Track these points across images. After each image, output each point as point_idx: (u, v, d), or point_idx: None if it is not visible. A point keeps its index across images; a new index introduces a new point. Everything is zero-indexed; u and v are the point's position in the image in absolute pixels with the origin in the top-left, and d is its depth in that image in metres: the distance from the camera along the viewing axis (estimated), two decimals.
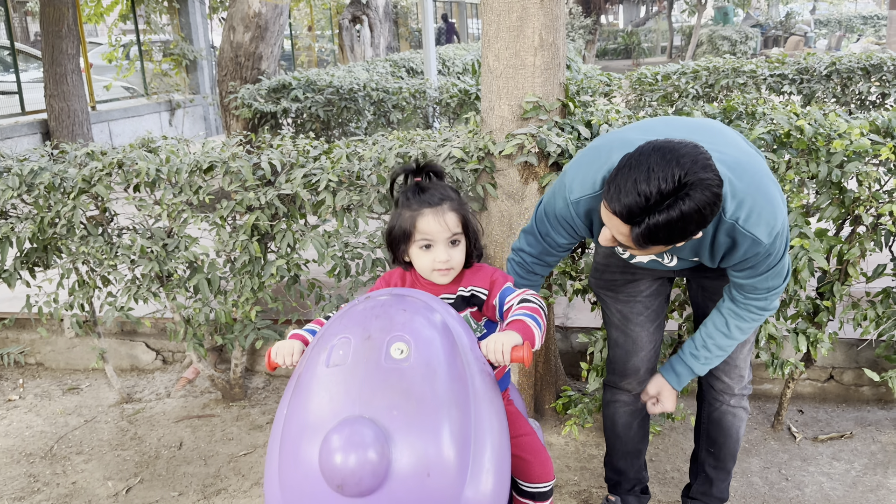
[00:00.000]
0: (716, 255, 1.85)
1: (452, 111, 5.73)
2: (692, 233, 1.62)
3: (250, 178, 2.81)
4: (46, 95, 7.98)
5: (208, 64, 11.89)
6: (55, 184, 2.99)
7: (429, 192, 1.79)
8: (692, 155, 1.55)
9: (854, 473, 2.74)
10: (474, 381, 1.53)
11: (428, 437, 1.40)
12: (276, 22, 6.50)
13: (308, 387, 1.48)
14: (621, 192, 1.57)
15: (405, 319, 1.54)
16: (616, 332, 2.29)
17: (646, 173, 1.54)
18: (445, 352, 1.52)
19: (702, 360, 2.06)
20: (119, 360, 3.87)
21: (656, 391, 2.15)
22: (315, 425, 1.41)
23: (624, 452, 2.43)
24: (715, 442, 2.35)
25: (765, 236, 1.75)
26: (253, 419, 3.31)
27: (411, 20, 19.35)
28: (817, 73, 5.25)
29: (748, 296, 1.95)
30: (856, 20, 29.06)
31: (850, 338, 3.19)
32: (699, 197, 1.54)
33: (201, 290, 3.01)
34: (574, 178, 1.88)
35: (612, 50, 27.25)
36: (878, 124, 2.56)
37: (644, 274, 2.20)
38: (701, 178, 1.54)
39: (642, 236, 1.60)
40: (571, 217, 1.92)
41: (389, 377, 1.44)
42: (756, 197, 1.74)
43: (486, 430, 1.49)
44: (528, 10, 2.61)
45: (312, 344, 1.62)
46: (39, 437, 3.25)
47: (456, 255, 1.79)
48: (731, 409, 2.29)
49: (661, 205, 1.54)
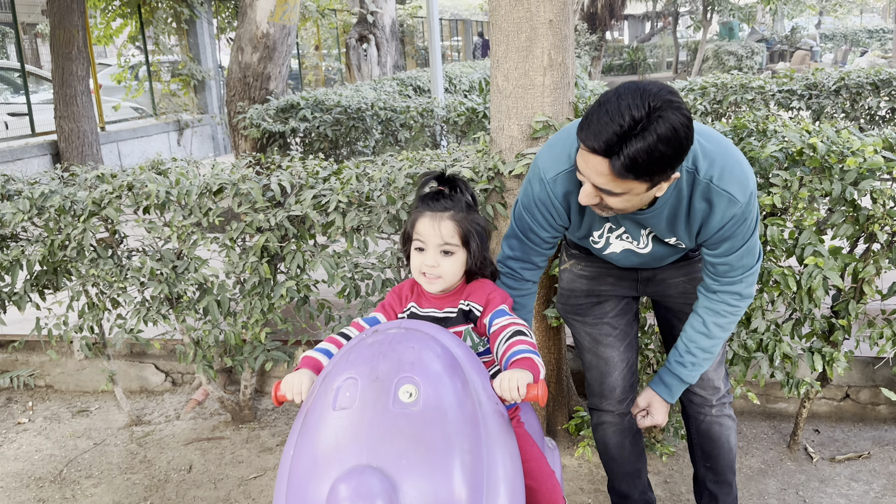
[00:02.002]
0: (692, 226, 1.86)
1: (460, 129, 5.74)
2: (670, 161, 1.62)
3: (260, 200, 2.81)
4: (56, 117, 8.04)
5: (216, 84, 11.98)
6: (65, 207, 2.99)
7: (441, 200, 1.83)
8: (657, 84, 1.62)
9: (873, 495, 2.69)
10: (486, 423, 1.49)
11: (438, 486, 1.36)
12: (284, 42, 6.54)
13: (315, 430, 1.45)
14: (596, 127, 1.60)
15: (413, 359, 1.50)
16: (588, 354, 2.30)
17: (616, 105, 1.58)
18: (456, 393, 1.48)
19: (688, 366, 2.06)
20: (128, 382, 3.86)
21: (646, 403, 2.14)
22: (322, 472, 1.38)
23: (623, 474, 2.41)
24: (709, 456, 2.35)
25: (739, 194, 1.78)
26: (263, 441, 3.28)
27: (417, 38, 19.46)
28: (826, 88, 5.23)
29: (722, 280, 1.94)
30: (861, 34, 29.08)
31: (866, 356, 3.15)
32: (672, 117, 1.57)
33: (211, 312, 3.00)
34: (547, 160, 1.91)
35: (618, 66, 27.32)
36: (891, 141, 2.54)
37: (608, 294, 2.22)
38: (670, 99, 1.59)
39: (623, 166, 1.59)
40: (550, 200, 1.92)
41: (398, 422, 1.40)
42: (726, 157, 1.80)
43: (500, 475, 1.45)
44: (536, 31, 2.61)
45: (319, 380, 1.59)
46: (49, 460, 3.23)
47: (446, 264, 1.80)
48: (715, 420, 2.29)
49: (636, 129, 1.56)
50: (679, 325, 2.20)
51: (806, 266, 2.47)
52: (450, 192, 1.88)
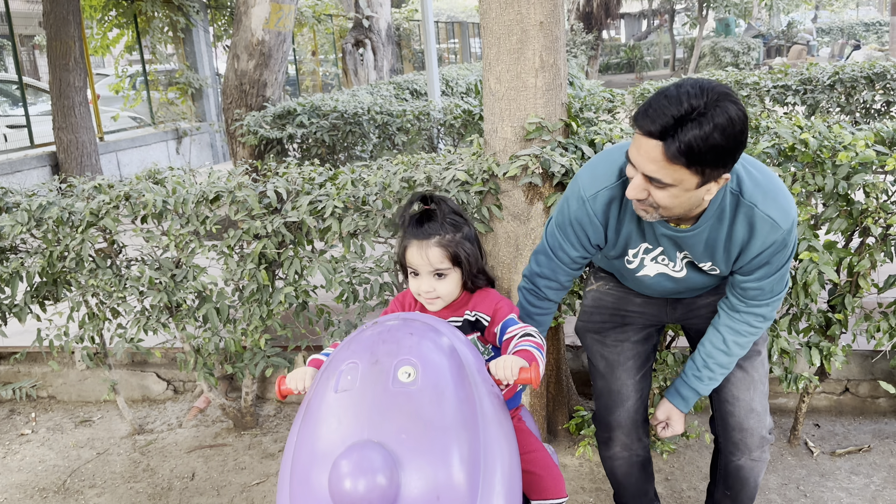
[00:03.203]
0: (731, 250, 1.83)
1: (457, 132, 5.75)
2: (725, 154, 1.61)
3: (256, 207, 2.82)
4: (55, 128, 8.07)
5: (214, 92, 12.00)
6: (63, 218, 3.01)
7: (426, 224, 1.83)
8: (716, 81, 1.65)
9: (874, 488, 2.70)
10: (483, 403, 1.53)
11: (437, 461, 1.39)
12: (280, 49, 6.56)
13: (317, 413, 1.48)
14: (654, 113, 1.61)
15: (412, 343, 1.55)
16: (601, 381, 2.24)
17: (675, 93, 1.61)
18: (453, 374, 1.52)
19: (705, 380, 2.04)
20: (130, 391, 3.88)
21: (665, 416, 2.12)
22: (324, 451, 1.41)
23: (631, 495, 2.39)
24: (732, 488, 2.26)
25: (782, 220, 1.78)
26: (265, 447, 3.29)
27: (414, 42, 19.49)
28: (821, 83, 5.24)
29: (750, 303, 1.93)
30: (858, 27, 29.07)
31: (864, 350, 3.15)
32: (730, 108, 1.59)
33: (210, 320, 3.02)
34: (587, 179, 1.90)
35: (615, 64, 27.34)
36: (882, 135, 2.55)
37: (634, 318, 2.19)
38: (727, 92, 1.61)
39: (677, 150, 1.59)
40: (588, 216, 1.90)
41: (397, 401, 1.44)
42: (769, 184, 1.80)
43: (496, 453, 1.48)
44: (527, 33, 2.62)
45: (321, 370, 1.62)
46: (52, 471, 3.24)
47: (442, 287, 1.84)
48: (749, 463, 2.16)
49: (692, 114, 1.58)
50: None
51: (801, 261, 2.48)
52: (433, 210, 1.86)
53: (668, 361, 2.82)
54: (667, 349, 2.87)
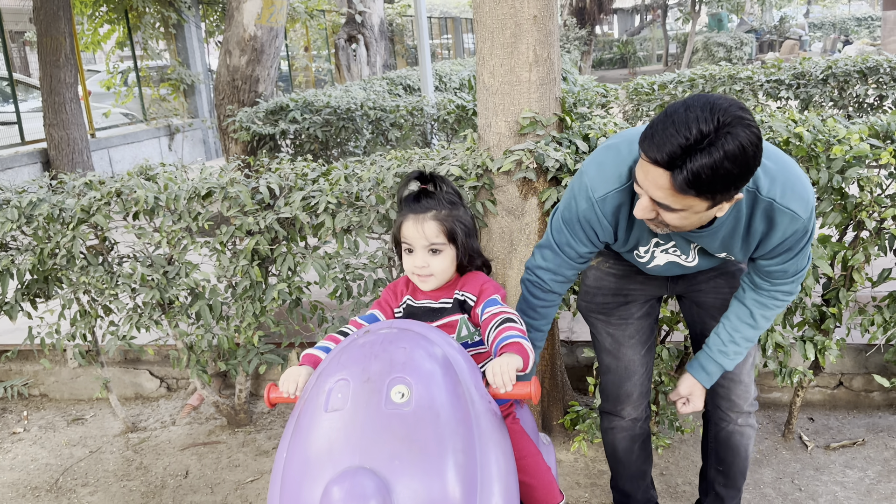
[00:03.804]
0: (750, 244, 1.80)
1: (450, 127, 5.74)
2: (735, 180, 1.54)
3: (249, 203, 2.81)
4: (46, 125, 8.01)
5: (206, 88, 11.95)
6: (54, 215, 2.98)
7: (423, 199, 1.85)
8: (729, 100, 1.54)
9: (868, 481, 2.70)
10: (479, 422, 1.49)
11: (432, 486, 1.35)
12: (272, 44, 6.52)
13: (307, 432, 1.45)
14: (661, 139, 1.52)
15: (405, 359, 1.50)
16: (608, 357, 2.26)
17: (684, 117, 1.50)
18: (448, 392, 1.48)
19: (731, 355, 2.01)
20: (123, 389, 3.85)
21: (688, 391, 2.07)
22: (315, 474, 1.37)
23: (628, 476, 2.40)
24: (723, 461, 2.30)
25: (802, 210, 1.73)
26: (259, 444, 3.28)
27: (407, 37, 19.44)
28: (814, 77, 5.24)
29: (775, 282, 1.90)
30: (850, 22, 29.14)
31: (858, 343, 3.16)
32: (741, 135, 1.49)
33: (203, 317, 3.00)
34: (596, 177, 1.83)
35: (608, 60, 27.34)
36: (877, 129, 2.54)
37: (636, 295, 2.18)
38: (740, 116, 1.50)
39: (686, 182, 1.52)
40: (597, 217, 1.85)
41: (390, 423, 1.40)
42: (787, 174, 1.73)
43: (494, 473, 1.45)
44: (521, 27, 2.61)
45: (311, 381, 1.58)
46: (45, 469, 3.22)
47: (436, 263, 1.83)
48: (738, 429, 2.24)
49: (702, 143, 1.48)
50: (709, 322, 2.15)
51: None
52: (431, 190, 1.89)
53: (662, 356, 2.82)
54: (661, 344, 2.87)
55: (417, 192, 1.88)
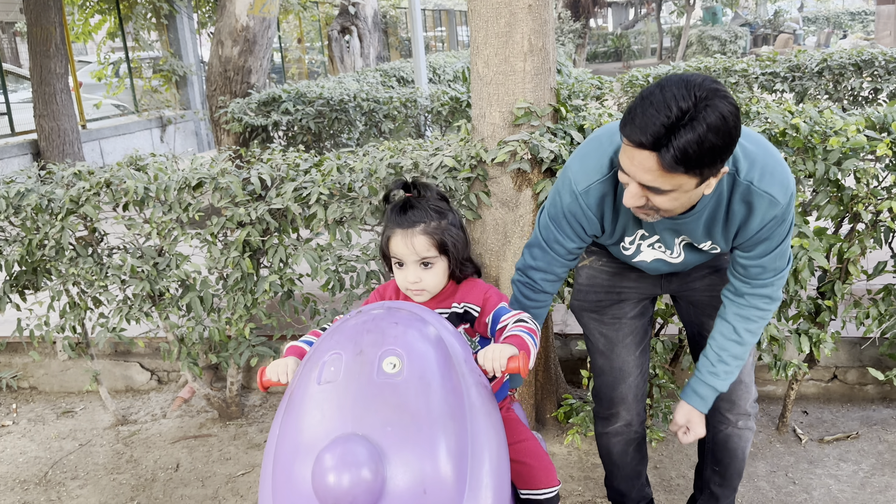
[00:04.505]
0: (730, 229, 1.80)
1: (444, 119, 5.70)
2: (720, 152, 1.55)
3: (240, 194, 2.77)
4: (36, 115, 7.95)
5: (198, 79, 11.87)
6: (42, 205, 2.94)
7: (409, 211, 1.78)
8: (701, 76, 1.56)
9: (862, 475, 2.70)
10: (470, 394, 1.50)
11: (423, 453, 1.35)
12: (265, 35, 6.47)
13: (300, 405, 1.44)
14: (642, 121, 1.53)
15: (397, 333, 1.50)
16: (601, 359, 2.22)
17: (661, 97, 1.52)
18: (439, 364, 1.48)
19: (721, 375, 1.98)
20: (113, 382, 3.82)
21: (685, 420, 2.03)
22: (308, 444, 1.37)
23: (623, 476, 2.37)
24: (720, 462, 2.27)
25: (780, 195, 1.73)
26: (250, 438, 3.25)
27: (401, 29, 19.36)
28: (809, 70, 5.23)
29: (753, 283, 1.89)
30: (844, 16, 29.18)
31: (853, 336, 3.15)
32: (720, 106, 1.52)
33: (194, 309, 2.97)
34: (579, 170, 1.84)
35: (603, 53, 27.31)
36: (873, 120, 2.53)
37: (629, 294, 2.15)
38: (715, 88, 1.53)
39: (674, 159, 1.53)
40: (582, 210, 1.85)
41: (382, 392, 1.40)
42: (766, 158, 1.74)
43: (484, 444, 1.45)
44: (516, 16, 2.58)
45: (304, 361, 1.58)
46: (34, 462, 3.19)
47: (428, 277, 1.78)
48: (737, 431, 2.19)
49: (684, 119, 1.50)
50: (705, 321, 2.13)
51: (791, 247, 2.46)
52: (416, 199, 1.82)
53: (657, 349, 2.81)
54: (656, 336, 2.85)
55: (403, 204, 1.80)
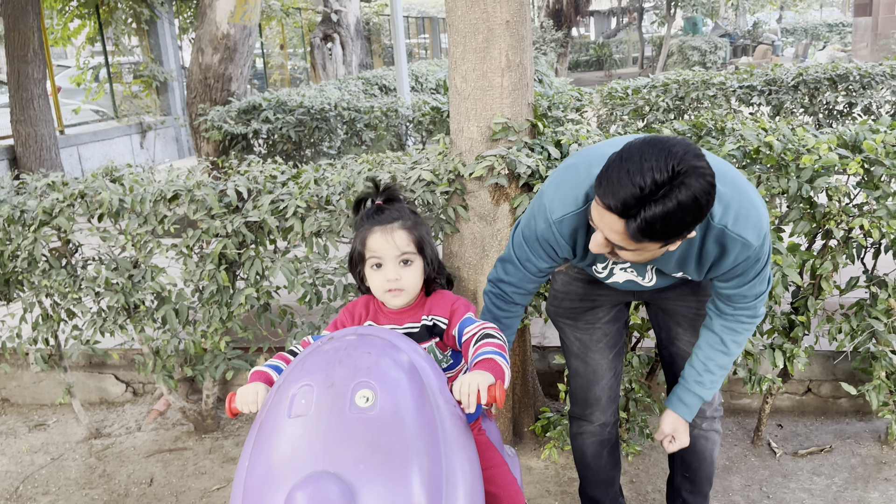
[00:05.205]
0: (703, 266, 1.81)
1: (425, 129, 5.70)
2: (689, 226, 1.55)
3: (216, 206, 2.75)
4: (13, 121, 7.85)
5: (179, 85, 11.79)
6: (15, 216, 2.91)
7: (386, 211, 1.82)
8: (683, 145, 1.52)
9: (835, 489, 2.72)
10: (444, 427, 1.47)
11: (397, 490, 1.33)
12: (245, 43, 6.45)
13: (270, 439, 1.41)
14: (615, 185, 1.51)
15: (370, 363, 1.48)
16: (576, 361, 2.26)
17: (638, 164, 1.49)
18: (413, 397, 1.46)
19: (707, 384, 2.01)
20: (87, 394, 3.77)
21: (671, 428, 2.05)
22: (278, 480, 1.34)
23: (597, 482, 2.40)
24: (689, 466, 2.32)
25: (754, 238, 1.73)
26: (226, 451, 3.23)
27: (384, 36, 19.36)
28: (785, 84, 5.29)
29: (737, 306, 1.91)
30: (821, 28, 29.57)
31: (826, 351, 3.18)
32: (695, 185, 1.49)
33: (169, 321, 2.94)
34: (554, 198, 1.84)
35: (584, 62, 27.46)
36: (845, 139, 2.56)
37: (603, 300, 2.18)
38: (695, 165, 1.49)
39: (639, 230, 1.53)
40: (555, 238, 1.86)
41: (355, 428, 1.37)
42: (741, 200, 1.73)
43: (459, 479, 1.43)
44: (493, 32, 2.59)
45: (273, 389, 1.55)
46: (4, 477, 3.14)
47: (407, 275, 1.78)
48: (702, 433, 2.25)
49: (657, 194, 1.48)
50: (675, 328, 2.17)
51: None
52: (390, 203, 1.85)
53: (633, 364, 2.82)
54: (632, 351, 2.86)
55: (378, 206, 1.83)
